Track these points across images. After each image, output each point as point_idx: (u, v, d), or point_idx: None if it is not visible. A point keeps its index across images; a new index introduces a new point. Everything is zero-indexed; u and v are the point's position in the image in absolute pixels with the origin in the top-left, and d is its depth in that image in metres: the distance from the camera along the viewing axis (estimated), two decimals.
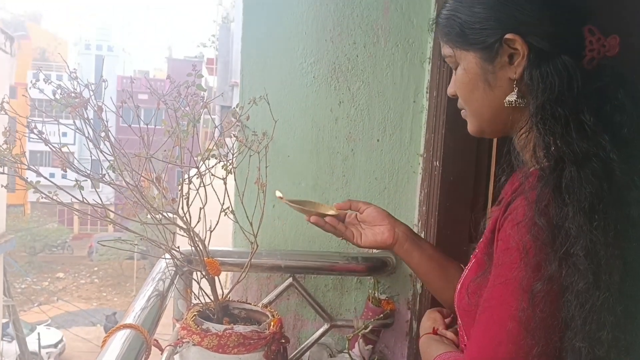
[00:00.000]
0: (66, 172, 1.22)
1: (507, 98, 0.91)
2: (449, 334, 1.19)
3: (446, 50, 1.00)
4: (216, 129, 1.39)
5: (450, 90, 1.04)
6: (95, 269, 21.54)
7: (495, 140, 1.55)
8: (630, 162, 0.80)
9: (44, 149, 1.66)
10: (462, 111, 1.03)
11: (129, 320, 0.96)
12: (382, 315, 1.54)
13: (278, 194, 1.34)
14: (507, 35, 0.88)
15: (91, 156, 1.27)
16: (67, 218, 24.33)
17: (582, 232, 0.75)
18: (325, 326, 1.56)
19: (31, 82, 1.31)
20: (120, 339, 0.87)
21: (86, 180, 1.18)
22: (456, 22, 0.95)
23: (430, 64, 1.61)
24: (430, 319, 1.24)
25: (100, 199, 1.21)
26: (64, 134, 1.20)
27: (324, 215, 1.31)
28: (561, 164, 0.80)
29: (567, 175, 0.79)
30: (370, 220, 1.31)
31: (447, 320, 1.23)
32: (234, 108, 1.43)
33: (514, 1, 0.88)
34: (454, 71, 1.02)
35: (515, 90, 0.90)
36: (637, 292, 0.76)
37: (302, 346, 1.56)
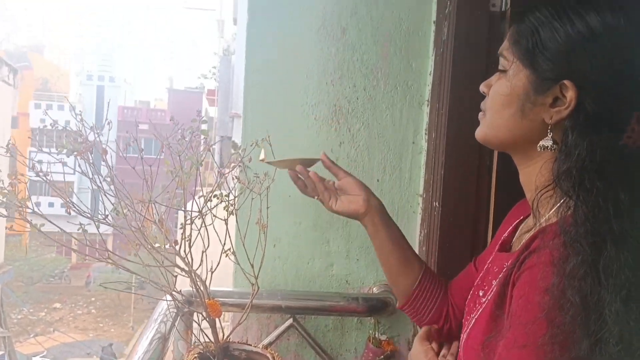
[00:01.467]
0: (70, 214, 1.23)
1: (542, 143, 0.87)
2: None
3: (507, 52, 0.93)
4: (217, 171, 1.40)
5: (484, 88, 0.98)
6: (93, 299, 21.35)
7: (494, 181, 1.57)
8: None
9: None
10: (480, 113, 0.99)
11: None
12: (382, 356, 1.54)
13: (261, 156, 1.34)
14: (566, 82, 0.84)
15: (91, 186, 1.28)
16: (66, 248, 24.22)
17: (618, 319, 0.72)
18: None
19: (39, 122, 1.33)
20: None
21: (90, 224, 1.19)
22: (533, 36, 0.88)
23: (429, 106, 1.64)
24: (422, 353, 1.15)
25: (100, 235, 1.22)
26: (65, 163, 1.21)
27: (308, 164, 1.31)
28: (598, 240, 0.76)
29: (606, 255, 0.74)
30: (347, 188, 1.28)
31: (443, 352, 1.16)
32: (236, 151, 1.45)
33: (593, 55, 0.83)
34: (498, 73, 0.96)
35: (550, 135, 0.87)
36: None
37: None
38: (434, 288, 1.22)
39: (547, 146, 0.87)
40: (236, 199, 1.40)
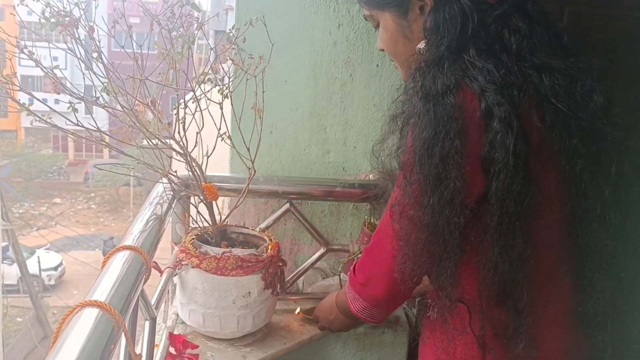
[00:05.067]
0: (59, 94, 1.19)
1: (418, 46, 1.03)
2: None
3: (365, 11, 1.13)
4: (211, 51, 1.35)
5: (379, 45, 1.14)
6: (92, 195, 21.68)
7: None
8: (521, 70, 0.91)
9: (35, 73, 1.61)
10: (393, 62, 1.16)
11: (128, 242, 0.96)
12: None
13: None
14: None
15: (84, 81, 1.24)
16: (62, 144, 24.21)
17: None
18: (322, 250, 1.58)
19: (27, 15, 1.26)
20: (120, 260, 0.88)
21: (80, 103, 1.15)
22: None
23: None
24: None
25: (96, 123, 1.19)
26: (55, 59, 1.16)
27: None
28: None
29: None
30: None
31: None
32: (230, 30, 1.38)
33: None
34: (377, 31, 1.14)
35: (426, 39, 1.02)
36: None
37: (298, 269, 1.59)
38: None
39: (421, 48, 1.03)
40: (230, 81, 1.35)
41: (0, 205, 8.39)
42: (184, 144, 1.28)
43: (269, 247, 1.32)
